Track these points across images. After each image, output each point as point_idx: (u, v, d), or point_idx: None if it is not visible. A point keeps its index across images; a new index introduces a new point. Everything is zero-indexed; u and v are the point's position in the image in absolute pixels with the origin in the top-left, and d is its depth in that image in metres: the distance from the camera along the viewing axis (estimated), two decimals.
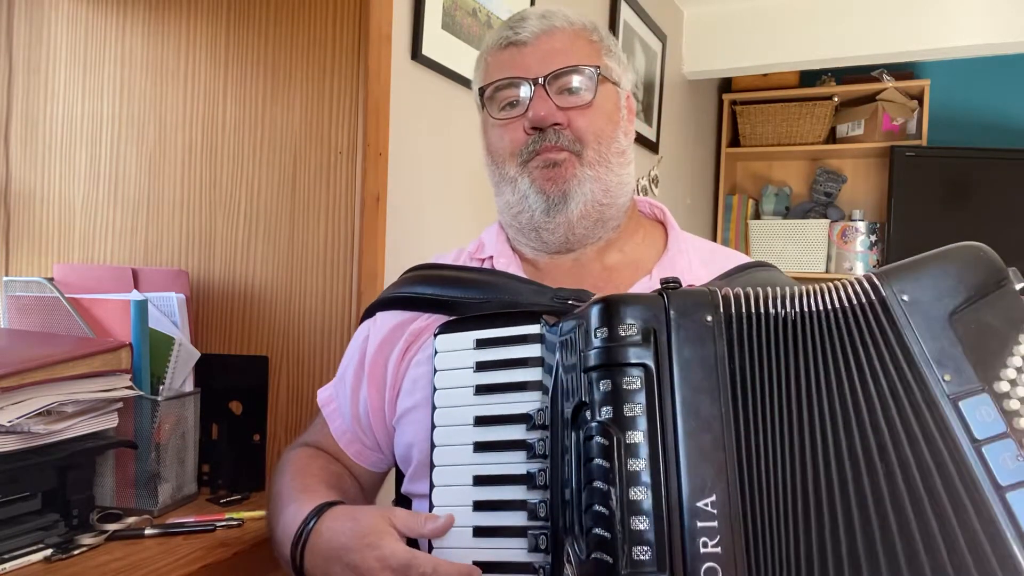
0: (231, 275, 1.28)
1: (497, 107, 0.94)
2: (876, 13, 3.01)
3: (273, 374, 1.24)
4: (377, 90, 1.22)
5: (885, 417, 0.61)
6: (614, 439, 0.63)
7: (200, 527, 1.02)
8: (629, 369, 0.65)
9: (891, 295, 0.64)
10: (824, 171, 3.83)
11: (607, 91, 0.94)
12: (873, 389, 0.62)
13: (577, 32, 0.93)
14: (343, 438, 0.98)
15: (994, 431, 0.59)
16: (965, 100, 3.64)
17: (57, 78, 1.39)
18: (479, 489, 0.76)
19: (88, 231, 1.37)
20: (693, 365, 0.65)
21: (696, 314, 0.66)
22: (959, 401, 0.60)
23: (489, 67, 0.95)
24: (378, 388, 0.94)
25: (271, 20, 1.26)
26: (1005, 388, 0.60)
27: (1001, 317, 0.63)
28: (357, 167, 1.20)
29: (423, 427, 0.84)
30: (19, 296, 1.16)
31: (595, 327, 0.67)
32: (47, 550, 0.91)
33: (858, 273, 3.57)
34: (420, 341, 0.92)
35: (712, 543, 0.60)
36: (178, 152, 1.31)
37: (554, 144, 0.90)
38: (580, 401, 0.68)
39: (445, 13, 1.66)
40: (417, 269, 0.99)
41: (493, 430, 0.78)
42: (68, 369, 0.97)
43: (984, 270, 0.64)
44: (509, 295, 0.88)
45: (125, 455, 1.08)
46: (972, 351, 0.62)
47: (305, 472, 0.91)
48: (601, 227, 0.94)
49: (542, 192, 0.91)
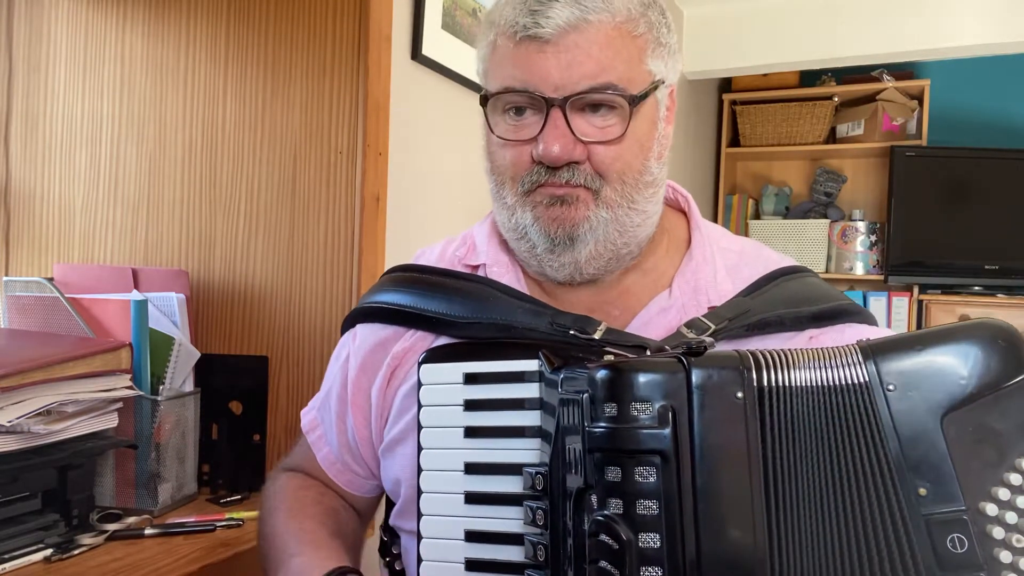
0: (231, 275, 1.27)
1: (500, 111, 0.75)
2: (876, 13, 3.01)
3: (273, 374, 1.24)
4: (377, 90, 1.22)
5: (864, 529, 0.53)
6: (624, 541, 0.54)
7: (200, 527, 1.02)
8: (643, 456, 0.55)
9: (874, 379, 0.54)
10: (824, 171, 3.82)
11: (645, 108, 0.75)
12: (856, 492, 0.54)
13: (618, 26, 0.72)
14: (332, 468, 0.89)
15: (967, 565, 0.51)
16: (965, 100, 3.64)
17: (57, 77, 1.38)
18: (472, 546, 0.69)
19: (88, 231, 1.37)
20: (720, 452, 0.54)
21: (724, 389, 0.55)
22: (931, 523, 0.52)
23: (498, 56, 0.75)
24: (364, 416, 0.85)
25: (271, 19, 1.26)
26: (992, 511, 0.51)
27: (1010, 420, 0.52)
28: (357, 167, 1.20)
29: (410, 463, 0.77)
30: (19, 296, 1.16)
31: (602, 400, 0.57)
32: (47, 550, 0.91)
33: (858, 273, 3.57)
34: (405, 366, 0.81)
35: None
36: (178, 152, 1.31)
37: (565, 182, 0.73)
38: (585, 482, 0.58)
39: (445, 13, 1.66)
40: (398, 270, 0.88)
41: (486, 480, 0.69)
42: (68, 369, 0.97)
43: (1001, 360, 0.53)
44: (501, 315, 0.76)
45: (125, 455, 1.08)
46: (962, 461, 0.52)
47: (302, 512, 0.83)
48: (616, 263, 0.79)
49: (545, 232, 0.75)
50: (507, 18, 0.73)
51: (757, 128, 3.83)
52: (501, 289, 0.80)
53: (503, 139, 0.75)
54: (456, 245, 0.88)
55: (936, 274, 3.34)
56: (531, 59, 0.71)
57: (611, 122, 0.73)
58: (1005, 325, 0.55)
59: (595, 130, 0.73)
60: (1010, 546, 0.50)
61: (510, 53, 0.73)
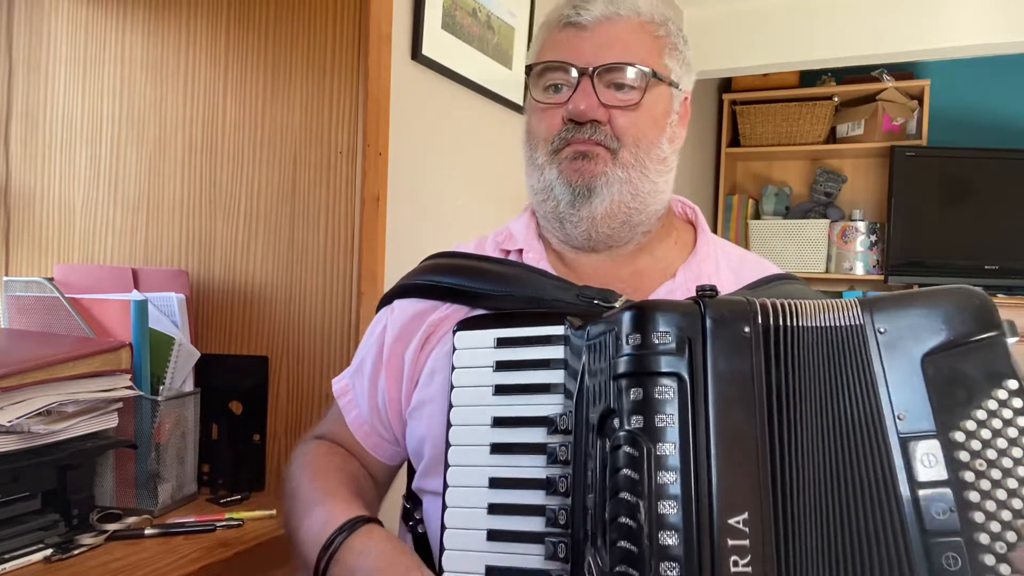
0: (231, 275, 1.27)
1: (541, 88, 0.90)
2: (876, 13, 3.01)
3: (273, 374, 1.24)
4: (377, 90, 1.22)
5: (849, 447, 0.62)
6: (644, 450, 0.61)
7: (200, 527, 1.02)
8: (662, 378, 0.62)
9: (868, 324, 0.64)
10: (824, 171, 3.83)
11: (659, 93, 0.89)
12: (846, 414, 0.63)
13: (642, 24, 0.88)
14: (360, 430, 0.95)
15: (935, 477, 0.59)
16: (965, 100, 3.64)
17: (57, 78, 1.39)
18: (495, 492, 0.74)
19: (88, 231, 1.37)
20: (729, 377, 0.62)
21: (733, 325, 0.64)
22: (908, 442, 0.60)
23: (544, 45, 0.91)
24: (396, 379, 0.92)
25: (271, 20, 1.26)
26: (960, 438, 0.60)
27: (980, 368, 0.61)
28: (357, 167, 1.20)
29: (437, 422, 0.82)
30: (19, 296, 1.16)
31: (627, 333, 0.65)
32: (47, 550, 0.91)
33: (858, 273, 3.58)
34: (439, 333, 0.89)
35: (743, 562, 0.58)
36: (178, 152, 1.31)
37: (588, 137, 0.86)
38: (608, 408, 0.66)
39: (445, 13, 1.66)
40: (437, 257, 0.97)
41: (512, 432, 0.75)
42: (68, 369, 0.97)
43: (974, 317, 0.63)
44: (532, 289, 0.86)
45: (125, 455, 1.08)
46: (937, 395, 0.61)
47: (326, 474, 0.89)
48: (628, 231, 0.90)
49: (568, 183, 0.87)
50: (553, 15, 0.91)
51: (757, 128, 3.83)
52: (532, 270, 0.91)
53: (540, 102, 0.90)
54: (494, 235, 1.00)
55: (936, 274, 3.34)
56: (570, 40, 0.88)
57: (631, 96, 0.87)
58: (980, 292, 0.64)
59: (616, 98, 0.86)
60: (974, 469, 0.59)
61: (554, 36, 0.90)
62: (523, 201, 1.01)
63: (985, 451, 0.59)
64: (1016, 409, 0.60)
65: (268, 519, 1.08)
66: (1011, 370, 0.61)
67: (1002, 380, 0.61)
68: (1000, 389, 0.61)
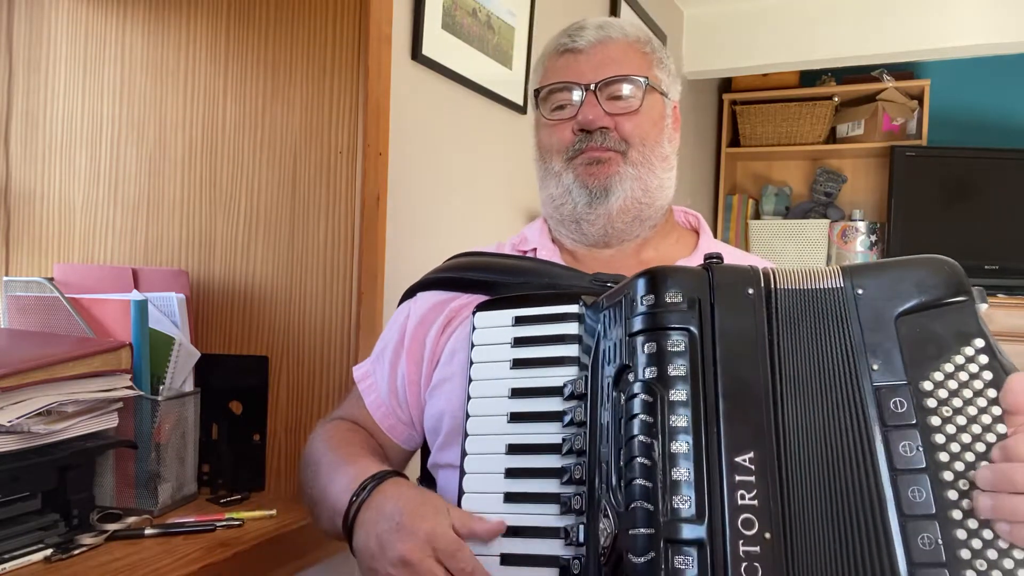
0: (231, 275, 1.27)
1: (550, 108, 1.00)
2: (876, 13, 3.01)
3: (273, 374, 1.24)
4: (377, 90, 1.22)
5: (832, 394, 0.67)
6: (658, 396, 0.66)
7: (200, 527, 1.02)
8: (674, 333, 0.68)
9: (848, 287, 0.70)
10: (824, 171, 3.83)
11: (654, 100, 0.99)
12: (830, 366, 0.68)
13: (631, 44, 0.99)
14: (378, 412, 1.00)
15: (904, 420, 0.64)
16: (965, 100, 3.64)
17: (57, 78, 1.39)
18: (512, 457, 0.78)
19: (88, 231, 1.37)
20: (734, 333, 0.68)
21: (738, 287, 0.70)
22: (880, 389, 0.66)
23: (547, 71, 1.01)
24: (416, 362, 0.97)
25: (271, 20, 1.26)
26: (928, 387, 0.65)
27: (950, 328, 0.66)
28: (357, 167, 1.20)
29: (456, 396, 0.87)
30: (19, 296, 1.17)
31: (641, 295, 0.71)
32: (47, 550, 0.91)
33: None
34: (460, 317, 0.95)
35: (749, 496, 0.62)
36: (178, 152, 1.31)
37: (600, 145, 0.96)
38: (623, 364, 0.71)
39: (445, 13, 1.66)
40: (460, 256, 1.04)
41: (529, 402, 0.79)
42: (68, 369, 0.97)
43: (944, 282, 0.68)
44: (548, 278, 0.93)
45: (125, 455, 1.08)
46: (908, 350, 0.67)
47: (351, 442, 0.94)
48: (639, 225, 0.99)
49: (585, 186, 0.97)
50: (551, 45, 1.02)
51: (757, 128, 3.83)
52: (548, 263, 0.98)
53: (550, 119, 1.00)
54: (510, 239, 1.08)
55: None
56: (570, 65, 0.99)
57: (631, 103, 0.97)
58: (951, 260, 0.70)
59: (618, 106, 0.97)
60: (940, 415, 0.64)
61: (554, 63, 1.01)
62: (523, 201, 1.03)
63: (951, 400, 0.64)
64: (981, 364, 0.65)
65: (268, 519, 1.08)
66: (979, 330, 0.66)
67: (970, 339, 0.65)
68: (967, 347, 0.65)
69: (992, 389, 0.63)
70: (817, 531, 0.63)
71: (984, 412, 0.63)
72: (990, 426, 0.63)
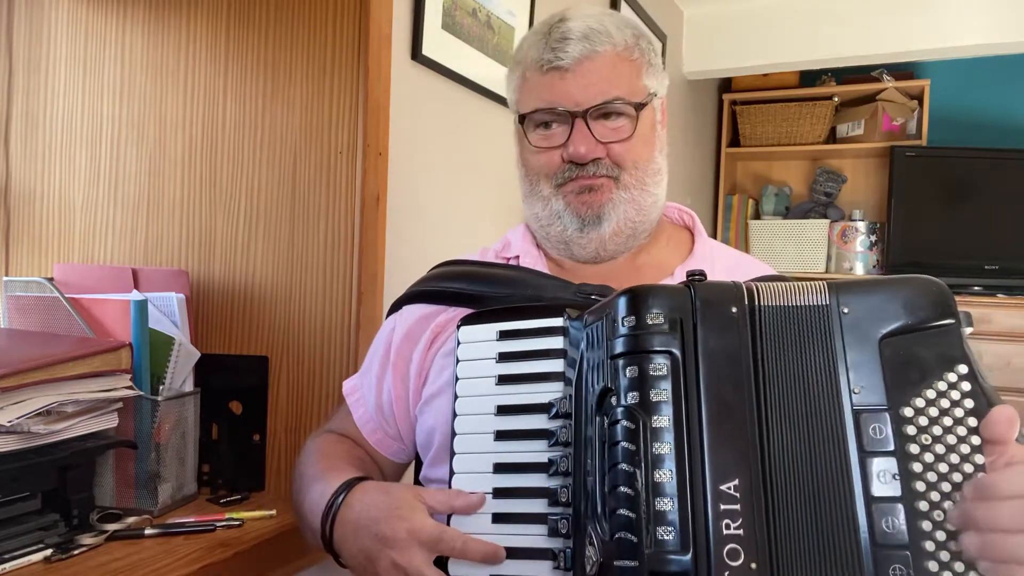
0: (231, 275, 1.27)
1: (534, 126, 0.95)
2: (876, 13, 3.01)
3: (273, 374, 1.24)
4: (377, 90, 1.22)
5: (814, 417, 0.66)
6: (640, 422, 0.65)
7: (200, 527, 1.02)
8: (656, 356, 0.66)
9: (834, 305, 0.68)
10: (824, 171, 3.82)
11: (646, 114, 0.94)
12: (812, 387, 0.67)
13: (619, 54, 0.92)
14: (366, 427, 1.00)
15: (882, 447, 0.64)
16: (965, 100, 3.64)
17: (57, 77, 1.39)
18: (499, 476, 0.77)
19: (88, 231, 1.37)
20: (718, 354, 0.66)
21: (722, 305, 0.68)
22: (861, 414, 0.65)
23: (528, 85, 0.95)
24: (402, 378, 0.96)
25: (271, 20, 1.26)
26: (908, 414, 0.64)
27: (933, 352, 0.65)
28: (357, 167, 1.20)
29: (445, 412, 0.86)
30: (19, 296, 1.16)
31: (622, 315, 0.69)
32: (47, 550, 0.91)
33: (858, 273, 3.58)
34: (446, 333, 0.94)
35: (735, 525, 0.61)
36: (178, 152, 1.31)
37: (592, 174, 0.92)
38: (605, 387, 0.69)
39: (445, 13, 1.66)
40: (444, 265, 1.02)
41: (515, 419, 0.78)
42: (68, 369, 0.97)
43: (931, 305, 0.67)
44: (533, 290, 0.91)
45: (125, 455, 1.08)
46: (891, 373, 0.65)
47: (331, 455, 0.94)
48: (633, 241, 0.97)
49: (576, 214, 0.93)
50: (533, 57, 0.94)
51: (757, 128, 3.83)
52: (533, 272, 0.96)
53: (537, 147, 0.95)
54: (495, 245, 1.05)
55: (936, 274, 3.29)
56: (555, 85, 0.92)
57: (621, 124, 0.92)
58: (939, 282, 0.69)
59: (610, 132, 0.92)
60: (919, 442, 0.63)
61: (539, 82, 0.93)
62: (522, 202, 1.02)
63: (931, 427, 0.63)
64: (964, 391, 0.64)
65: (268, 519, 1.08)
66: (963, 356, 0.65)
67: (954, 364, 0.65)
68: (951, 372, 0.64)
69: (972, 418, 0.63)
70: (801, 561, 0.62)
71: (963, 441, 0.62)
72: (968, 456, 0.62)
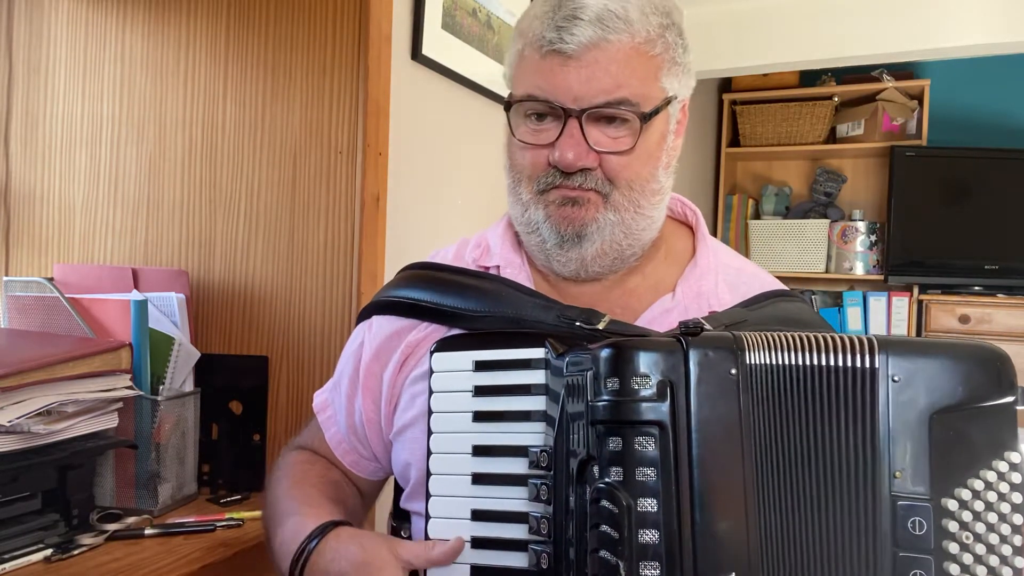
0: (231, 275, 1.27)
1: (523, 115, 0.82)
2: (876, 13, 3.01)
3: (273, 374, 1.24)
4: (377, 90, 1.22)
5: (838, 499, 0.59)
6: (624, 506, 0.58)
7: (200, 527, 1.02)
8: (641, 428, 0.59)
9: (883, 369, 0.60)
10: (824, 171, 3.82)
11: (655, 124, 0.80)
12: (839, 464, 0.60)
13: (636, 47, 0.77)
14: (339, 448, 0.93)
15: (918, 547, 0.57)
16: (965, 100, 3.64)
17: (57, 78, 1.39)
18: (477, 525, 0.71)
19: (88, 231, 1.37)
20: (714, 424, 0.59)
21: (719, 366, 0.60)
22: (899, 502, 0.58)
23: (524, 65, 0.81)
24: (374, 400, 0.89)
25: (271, 20, 1.26)
26: (953, 507, 0.58)
27: (985, 434, 0.59)
28: (357, 167, 1.20)
29: (420, 447, 0.79)
30: (19, 296, 1.16)
31: (605, 376, 0.61)
32: (47, 550, 0.91)
33: (858, 273, 3.57)
34: (418, 355, 0.85)
35: None
36: (178, 152, 1.31)
37: (577, 185, 0.79)
38: (587, 454, 0.62)
39: (445, 13, 1.66)
40: (415, 268, 0.92)
41: (493, 462, 0.72)
42: (68, 369, 0.97)
43: (990, 380, 0.60)
44: (512, 308, 0.80)
45: (125, 455, 1.08)
46: (939, 457, 0.59)
47: (304, 481, 0.87)
48: (620, 263, 0.85)
49: (556, 229, 0.81)
50: (535, 32, 0.79)
51: (757, 128, 3.83)
52: (512, 286, 0.84)
53: (523, 142, 0.81)
54: (471, 247, 0.92)
55: (936, 274, 3.34)
56: (554, 71, 0.77)
57: (623, 133, 0.78)
58: (1001, 352, 0.61)
59: (608, 140, 0.78)
60: (959, 541, 0.57)
61: (536, 64, 0.79)
62: None
63: (974, 524, 0.58)
64: (1013, 484, 0.58)
65: None
66: (1015, 442, 0.59)
67: (1004, 451, 0.59)
68: (1001, 461, 0.59)
69: (1018, 515, 0.58)
70: None
71: (1005, 541, 0.57)
72: (1008, 559, 0.57)
